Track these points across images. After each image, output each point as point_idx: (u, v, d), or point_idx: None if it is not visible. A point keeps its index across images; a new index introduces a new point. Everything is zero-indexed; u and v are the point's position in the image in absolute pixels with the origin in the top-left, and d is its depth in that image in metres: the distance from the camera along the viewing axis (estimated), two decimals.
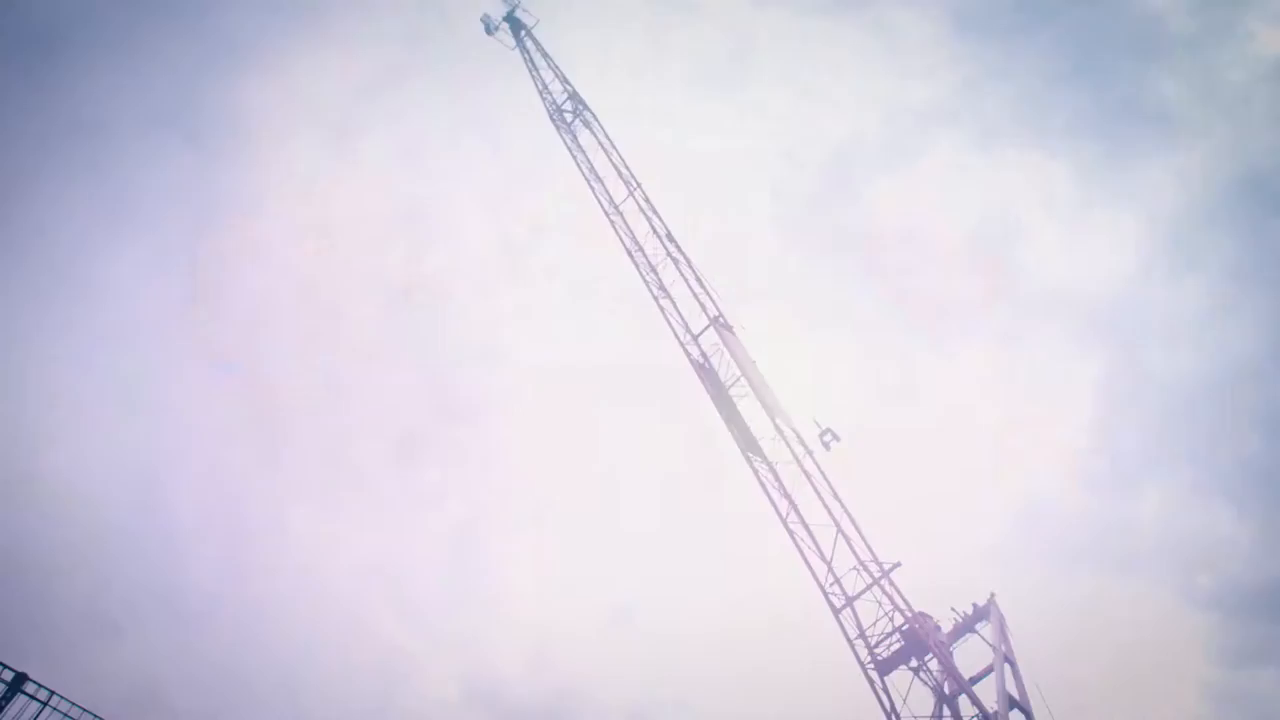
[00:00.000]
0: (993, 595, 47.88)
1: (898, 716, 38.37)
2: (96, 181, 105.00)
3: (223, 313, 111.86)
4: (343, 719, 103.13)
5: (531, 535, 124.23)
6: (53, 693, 13.76)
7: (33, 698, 13.55)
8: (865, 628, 40.11)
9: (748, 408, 44.32)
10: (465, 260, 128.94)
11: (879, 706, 38.69)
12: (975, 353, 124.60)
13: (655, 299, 47.72)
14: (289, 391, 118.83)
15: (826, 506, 41.54)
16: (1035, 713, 41.89)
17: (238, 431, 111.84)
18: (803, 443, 43.61)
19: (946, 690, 40.13)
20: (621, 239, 50.08)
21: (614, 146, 52.91)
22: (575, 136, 53.58)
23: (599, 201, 51.54)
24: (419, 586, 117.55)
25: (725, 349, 45.46)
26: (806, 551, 41.47)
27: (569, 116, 54.23)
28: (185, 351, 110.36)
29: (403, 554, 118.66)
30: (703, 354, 45.81)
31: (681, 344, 46.21)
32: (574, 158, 53.24)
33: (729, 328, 46.67)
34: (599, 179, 52.04)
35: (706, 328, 46.41)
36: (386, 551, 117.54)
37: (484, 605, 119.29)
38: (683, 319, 46.88)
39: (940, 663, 39.68)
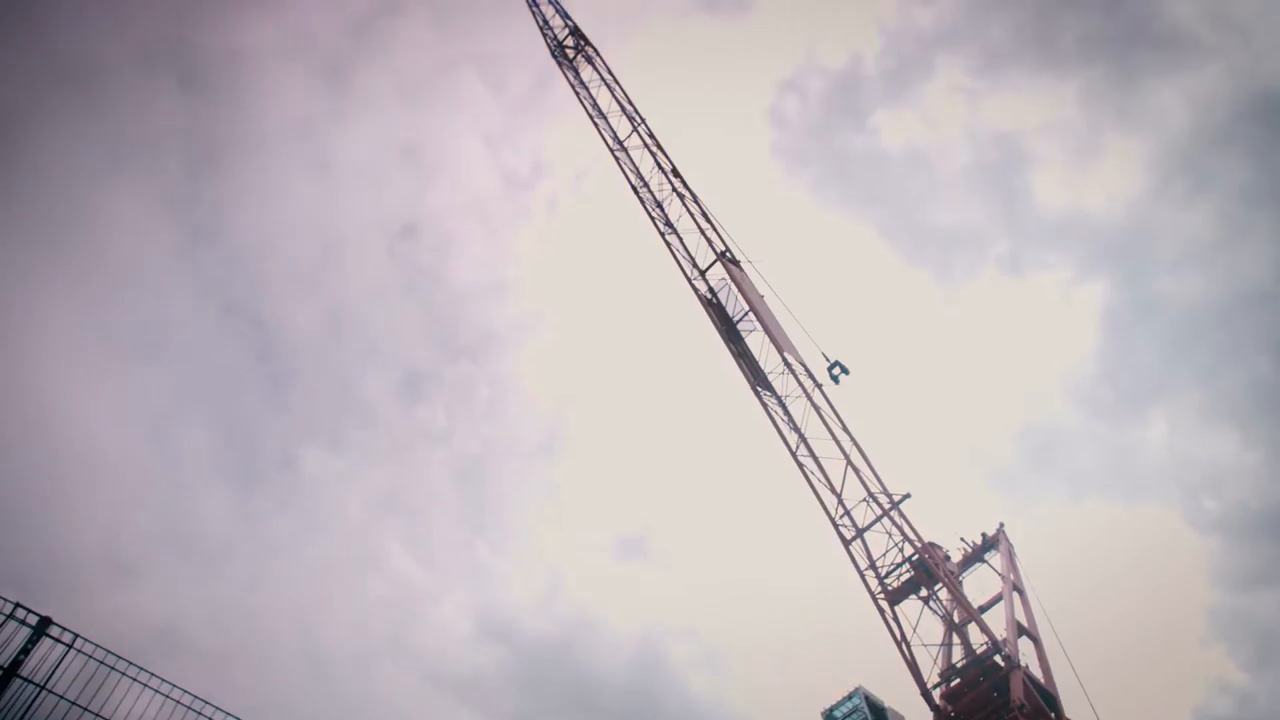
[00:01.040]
0: (1001, 525, 48.26)
1: (908, 645, 38.74)
2: (93, 125, 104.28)
3: (225, 254, 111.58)
4: (357, 655, 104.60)
5: (540, 470, 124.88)
6: (76, 635, 13.95)
7: (58, 640, 13.75)
8: (875, 559, 40.38)
9: (756, 342, 44.30)
10: (466, 197, 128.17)
11: (889, 636, 39.06)
12: (982, 281, 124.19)
13: (661, 235, 47.44)
14: (293, 332, 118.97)
15: (836, 439, 41.63)
16: (1043, 640, 42.36)
17: (244, 373, 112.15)
18: (811, 376, 43.61)
19: (956, 619, 40.52)
20: (626, 175, 49.68)
21: (617, 82, 52.26)
22: (577, 72, 52.92)
23: (603, 138, 51.02)
24: (429, 522, 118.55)
25: (732, 284, 45.27)
26: (816, 484, 41.64)
27: (570, 53, 53.48)
28: (190, 294, 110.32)
29: (412, 490, 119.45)
30: (710, 289, 45.63)
31: (688, 279, 46.03)
32: (576, 94, 52.61)
33: (736, 263, 46.44)
34: (602, 115, 51.48)
35: (713, 263, 46.16)
36: (396, 488, 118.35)
37: (495, 540, 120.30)
38: (689, 254, 46.64)
39: (950, 592, 40.00)
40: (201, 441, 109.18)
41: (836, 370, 44.66)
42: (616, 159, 50.17)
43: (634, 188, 49.19)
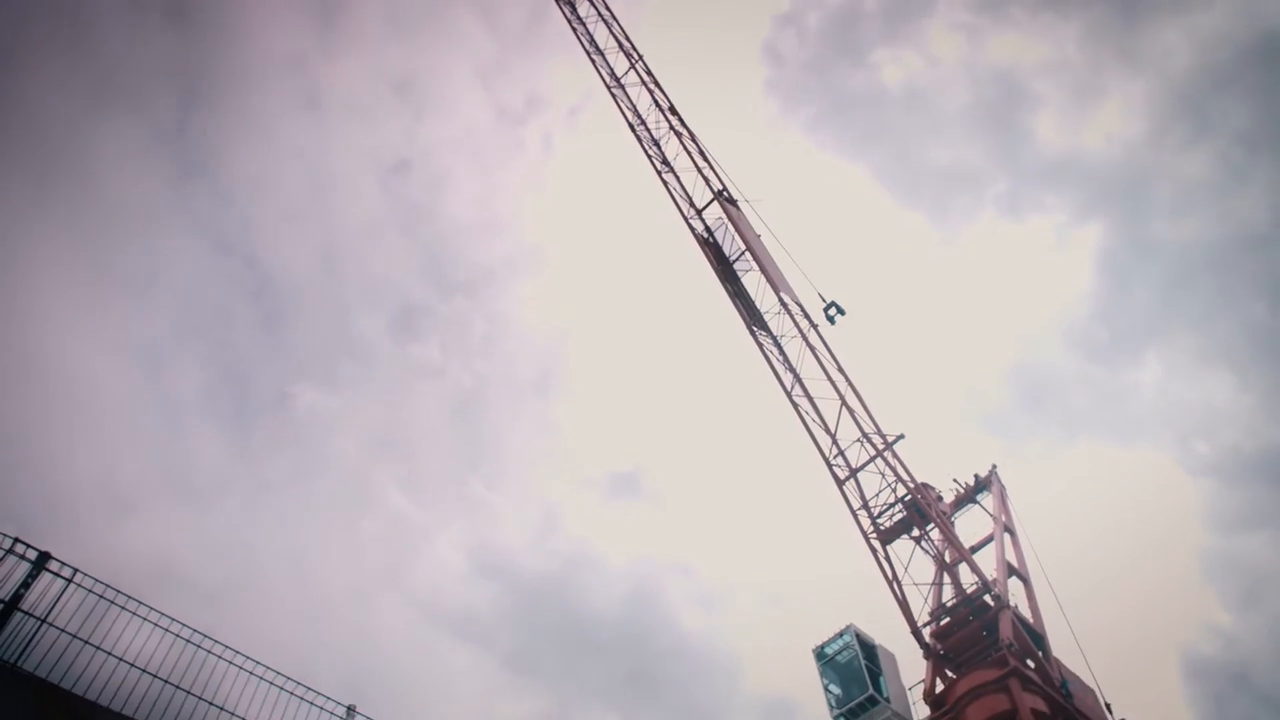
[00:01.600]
0: (994, 466, 48.51)
1: (899, 584, 39.12)
2: (80, 60, 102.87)
3: (216, 191, 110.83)
4: (352, 592, 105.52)
5: (536, 406, 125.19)
6: (75, 570, 14.02)
7: (57, 575, 13.82)
8: (868, 499, 40.67)
9: (752, 282, 44.21)
10: (459, 132, 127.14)
11: (881, 575, 39.43)
12: (980, 222, 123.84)
13: (658, 173, 47.16)
14: (286, 269, 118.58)
15: (831, 379, 41.74)
16: (1033, 581, 42.75)
17: (238, 311, 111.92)
18: (807, 316, 43.63)
19: (947, 559, 40.88)
20: (623, 113, 49.26)
21: (614, 18, 51.63)
22: (574, 6, 52.24)
23: (599, 74, 50.51)
24: (424, 459, 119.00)
25: (729, 223, 45.09)
26: (811, 425, 41.81)
27: None
28: (181, 231, 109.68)
29: (407, 427, 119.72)
30: (706, 229, 45.45)
31: (685, 218, 45.82)
32: (573, 30, 51.99)
33: (733, 202, 46.21)
34: (599, 51, 50.91)
35: (710, 202, 45.96)
36: (390, 425, 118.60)
37: (489, 476, 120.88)
38: (686, 193, 46.38)
39: (941, 532, 40.31)
40: (196, 379, 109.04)
41: (832, 311, 44.67)
42: (614, 96, 49.72)
43: (631, 125, 48.82)
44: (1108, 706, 39.64)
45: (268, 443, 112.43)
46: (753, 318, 43.73)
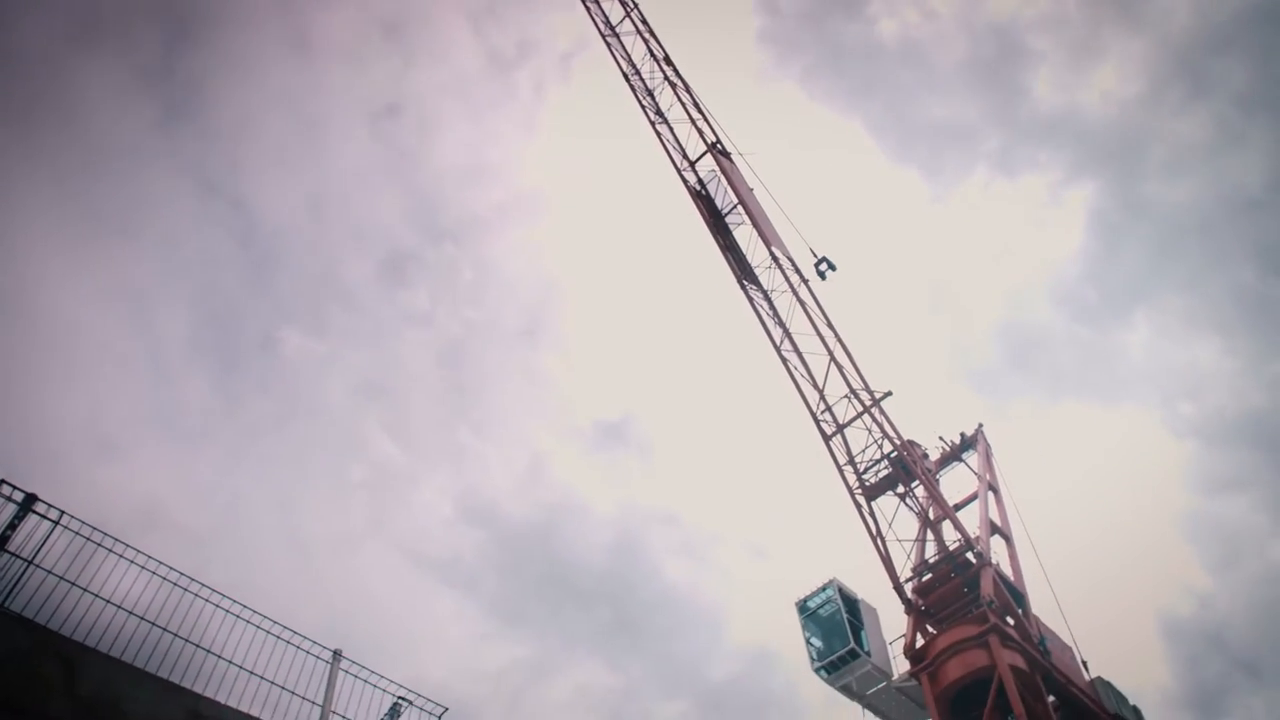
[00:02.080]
0: (980, 426, 48.76)
1: (882, 540, 39.38)
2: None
3: (203, 132, 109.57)
4: (338, 537, 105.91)
5: (523, 353, 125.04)
6: (63, 512, 13.97)
7: (44, 517, 13.76)
8: (854, 455, 40.84)
9: (744, 236, 44.06)
10: (450, 78, 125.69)
11: (865, 531, 39.68)
12: (972, 179, 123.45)
13: (652, 124, 46.80)
14: (274, 213, 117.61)
15: (820, 335, 41.75)
16: (1015, 539, 43.11)
17: (224, 254, 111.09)
18: (798, 271, 43.55)
19: (931, 516, 41.15)
20: (618, 62, 48.76)
21: None
22: None
23: (594, 22, 49.94)
24: (410, 406, 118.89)
25: (722, 176, 44.85)
26: (799, 379, 41.87)
27: None
28: (168, 172, 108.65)
29: (393, 374, 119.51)
30: (699, 181, 45.20)
31: (678, 170, 45.54)
32: None
33: (726, 155, 45.94)
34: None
35: (704, 154, 45.67)
36: (378, 371, 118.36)
37: (476, 423, 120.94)
38: (679, 145, 46.09)
39: (926, 490, 40.54)
40: (182, 322, 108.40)
41: (823, 266, 44.60)
42: (608, 45, 49.19)
43: (625, 75, 48.35)
44: (1084, 664, 40.17)
45: (254, 387, 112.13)
46: (743, 271, 43.62)
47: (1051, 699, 35.82)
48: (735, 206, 44.09)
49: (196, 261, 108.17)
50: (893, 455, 40.30)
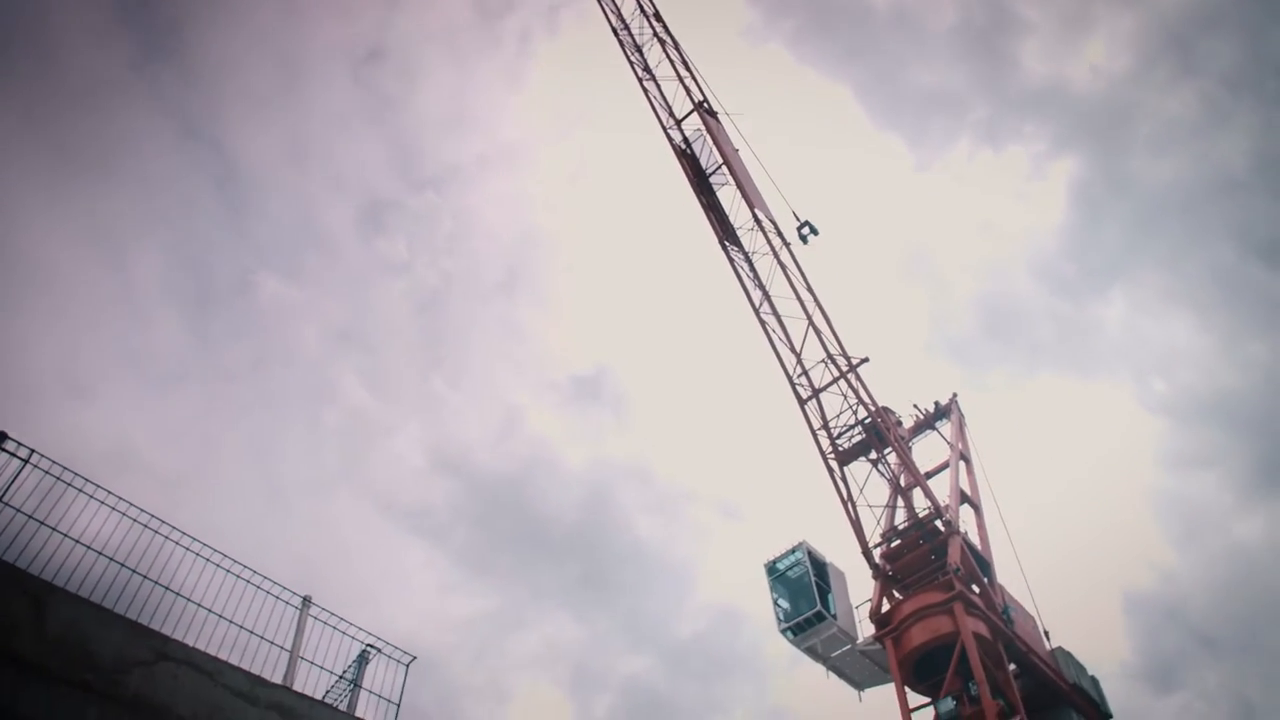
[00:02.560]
0: (954, 395, 49.05)
1: (853, 505, 39.64)
2: None
3: (183, 72, 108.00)
4: (310, 484, 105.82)
5: (500, 307, 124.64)
6: (32, 450, 13.85)
7: (13, 455, 13.64)
8: (829, 419, 41.00)
9: (727, 196, 43.90)
10: (435, 25, 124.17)
11: (836, 495, 39.92)
12: (957, 148, 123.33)
13: (639, 80, 46.41)
14: (253, 156, 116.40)
15: (800, 298, 41.75)
16: (984, 509, 43.50)
17: (202, 196, 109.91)
18: (780, 234, 43.49)
19: (902, 483, 41.44)
20: (607, 16, 48.25)
21: None
22: None
23: None
24: (385, 355, 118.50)
25: (707, 135, 44.61)
26: (777, 343, 41.92)
27: None
28: (146, 112, 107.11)
29: (369, 322, 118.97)
30: (685, 139, 44.96)
31: (664, 128, 45.26)
32: None
33: (713, 114, 45.66)
34: None
35: (690, 112, 45.38)
36: (353, 319, 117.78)
37: (450, 374, 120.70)
38: (666, 103, 45.76)
39: (898, 457, 40.80)
40: (157, 264, 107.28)
41: (805, 230, 44.55)
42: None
43: (614, 29, 47.87)
44: (1046, 634, 40.69)
45: (229, 331, 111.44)
46: (725, 232, 43.51)
47: (1012, 667, 36.34)
48: (720, 167, 43.90)
49: (173, 203, 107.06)
50: (867, 421, 40.49)
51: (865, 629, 37.79)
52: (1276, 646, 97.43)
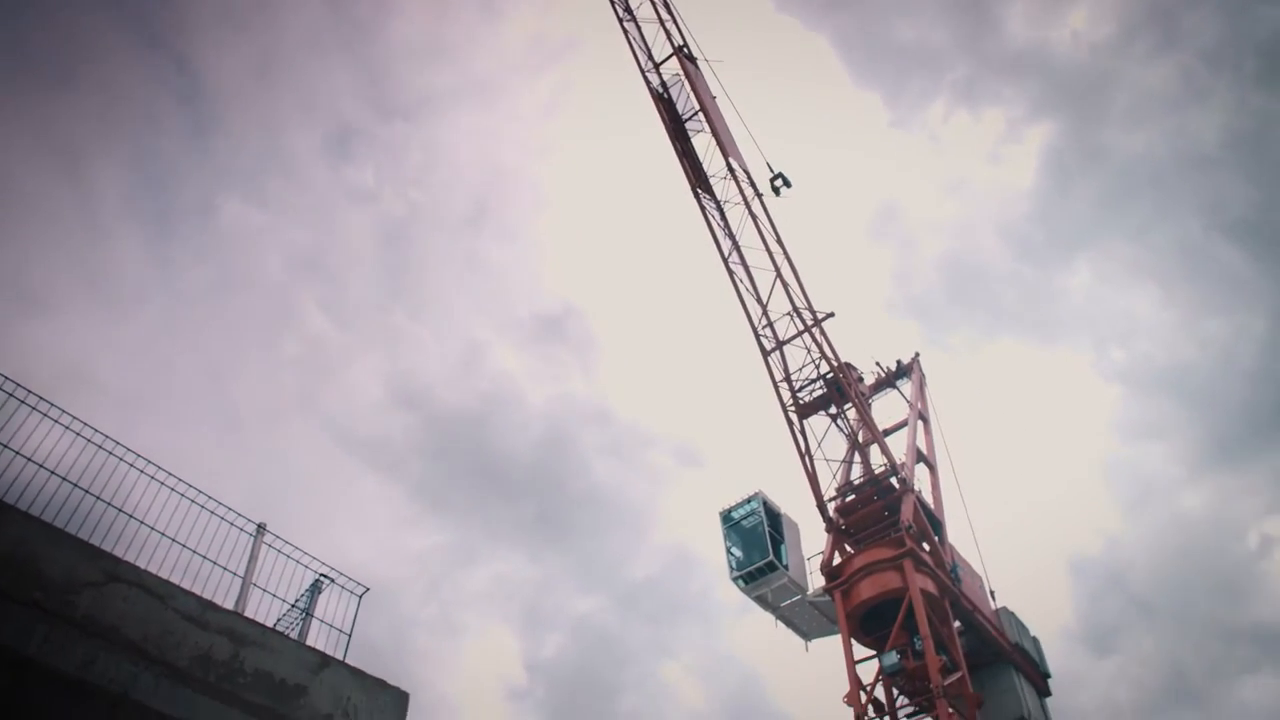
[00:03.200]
0: (916, 355, 49.39)
1: (810, 458, 39.95)
2: None
3: None
4: (266, 410, 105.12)
5: (467, 241, 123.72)
6: None
7: None
8: (791, 372, 41.18)
9: (702, 143, 43.62)
10: None
11: (794, 448, 40.19)
12: (933, 106, 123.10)
13: (619, 20, 45.75)
14: (220, 75, 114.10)
15: (769, 250, 41.71)
16: (940, 468, 44.00)
17: (166, 113, 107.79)
18: (753, 185, 43.36)
19: (860, 439, 41.77)
20: None
21: None
22: None
23: None
24: (349, 284, 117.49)
25: (686, 81, 44.20)
26: (744, 293, 41.90)
27: None
28: (109, 22, 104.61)
29: (333, 250, 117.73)
30: (663, 83, 44.52)
31: (642, 71, 44.76)
32: None
33: (693, 60, 45.22)
34: None
35: (670, 56, 44.89)
36: (317, 246, 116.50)
37: (413, 307, 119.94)
38: (646, 46, 45.22)
39: (858, 413, 41.07)
40: (117, 180, 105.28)
41: (779, 182, 44.42)
42: None
43: None
44: (992, 594, 41.42)
45: (189, 253, 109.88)
46: (698, 179, 43.27)
47: (957, 624, 36.99)
48: (696, 113, 43.57)
49: (135, 118, 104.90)
50: (829, 376, 40.68)
51: (815, 581, 38.30)
52: (1210, 616, 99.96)
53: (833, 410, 40.94)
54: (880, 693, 35.66)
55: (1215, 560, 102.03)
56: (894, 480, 39.40)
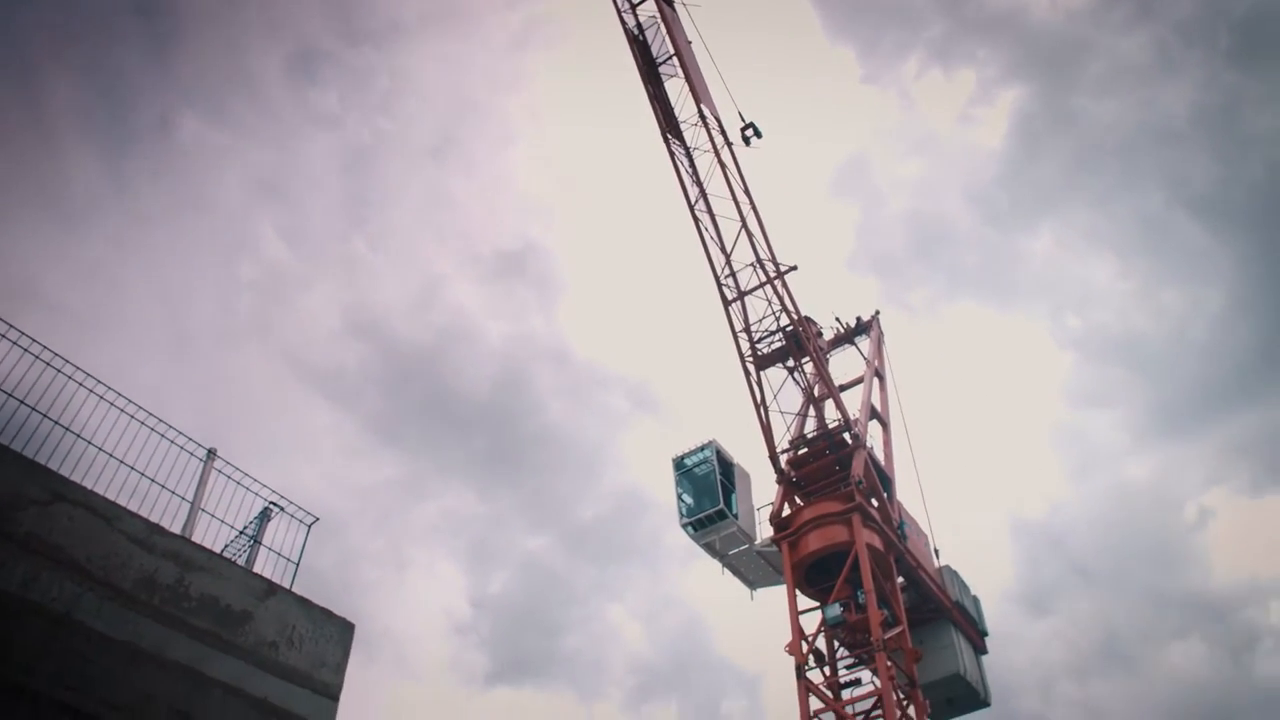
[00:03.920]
0: (876, 313, 49.66)
1: (765, 410, 40.18)
2: None
3: None
4: (220, 335, 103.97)
5: (430, 173, 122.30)
6: None
7: None
8: (751, 323, 41.24)
9: (674, 89, 43.20)
10: None
11: (750, 399, 40.37)
12: (907, 63, 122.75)
13: None
14: None
15: (736, 200, 41.55)
16: (892, 427, 44.41)
17: (122, 22, 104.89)
18: (724, 133, 43.02)
19: (816, 394, 42.06)
20: None
21: None
22: None
23: None
24: (308, 209, 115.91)
25: (662, 24, 43.67)
26: (708, 241, 41.78)
27: None
28: None
29: (294, 174, 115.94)
30: (638, 25, 43.93)
31: (618, 10, 44.10)
32: None
33: (670, 3, 44.67)
34: None
35: None
36: (277, 170, 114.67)
37: (373, 236, 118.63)
38: None
39: (815, 367, 41.33)
40: (70, 92, 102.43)
41: (749, 132, 44.14)
42: None
43: None
44: (936, 552, 42.06)
45: (145, 171, 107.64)
46: (669, 124, 42.92)
47: (900, 580, 37.60)
48: (670, 57, 43.08)
49: (89, 27, 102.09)
50: (788, 329, 40.82)
51: (764, 531, 38.69)
52: (1144, 582, 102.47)
53: (790, 363, 41.16)
54: (822, 643, 36.32)
55: (1153, 529, 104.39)
56: (847, 435, 39.74)
